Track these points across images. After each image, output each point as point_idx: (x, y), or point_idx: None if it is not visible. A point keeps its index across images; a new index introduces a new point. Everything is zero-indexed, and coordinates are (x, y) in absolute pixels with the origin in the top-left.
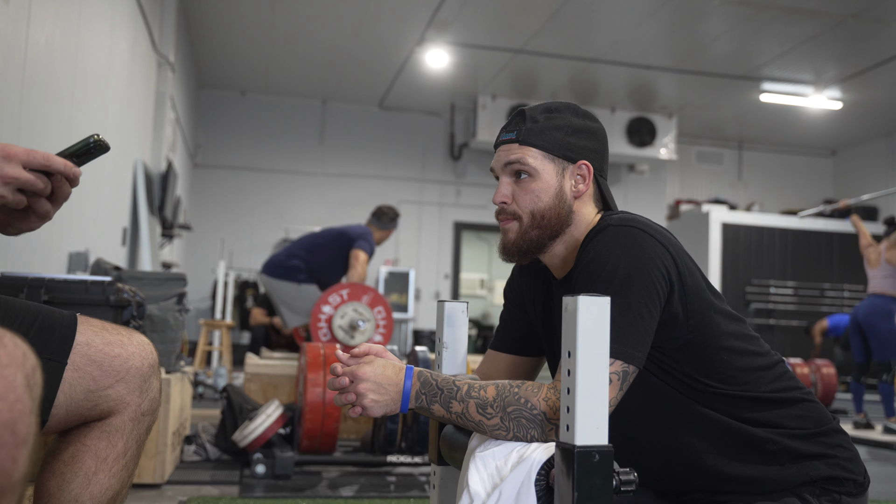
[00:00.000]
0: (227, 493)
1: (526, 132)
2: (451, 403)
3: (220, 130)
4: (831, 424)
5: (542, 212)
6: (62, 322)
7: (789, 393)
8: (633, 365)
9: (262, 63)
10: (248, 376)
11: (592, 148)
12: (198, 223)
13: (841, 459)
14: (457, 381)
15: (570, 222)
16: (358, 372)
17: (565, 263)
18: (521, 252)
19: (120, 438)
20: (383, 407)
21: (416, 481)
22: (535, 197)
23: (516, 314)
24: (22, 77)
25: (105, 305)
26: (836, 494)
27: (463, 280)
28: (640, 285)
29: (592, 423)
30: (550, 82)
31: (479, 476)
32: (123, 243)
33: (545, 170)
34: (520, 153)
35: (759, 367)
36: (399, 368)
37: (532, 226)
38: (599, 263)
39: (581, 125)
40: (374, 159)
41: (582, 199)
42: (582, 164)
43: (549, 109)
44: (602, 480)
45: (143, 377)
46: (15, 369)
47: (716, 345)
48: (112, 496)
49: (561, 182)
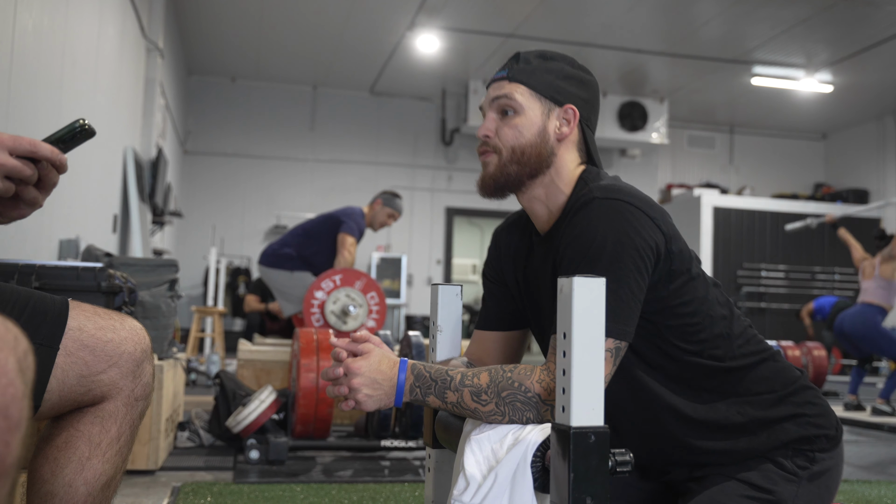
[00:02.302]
0: (221, 479)
1: (517, 71)
2: (446, 394)
3: (211, 117)
4: (799, 382)
5: (522, 147)
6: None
7: (757, 356)
8: (623, 341)
9: (252, 49)
10: (241, 362)
11: (582, 96)
12: (189, 210)
13: (811, 416)
14: (450, 370)
15: (550, 164)
16: (353, 366)
17: (548, 214)
18: (498, 186)
19: (113, 423)
20: (377, 402)
21: (410, 465)
22: (517, 132)
23: (497, 291)
24: (10, 63)
25: (96, 292)
26: (809, 453)
27: (455, 265)
28: (629, 260)
29: (588, 404)
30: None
31: (475, 459)
32: (114, 230)
33: (531, 107)
34: (508, 89)
35: (731, 334)
36: (394, 363)
37: (511, 160)
38: (587, 239)
39: (573, 73)
40: (365, 145)
41: (565, 144)
42: (568, 108)
43: (545, 55)
44: (598, 461)
45: (135, 362)
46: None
47: (693, 308)
48: (106, 481)
49: (545, 122)
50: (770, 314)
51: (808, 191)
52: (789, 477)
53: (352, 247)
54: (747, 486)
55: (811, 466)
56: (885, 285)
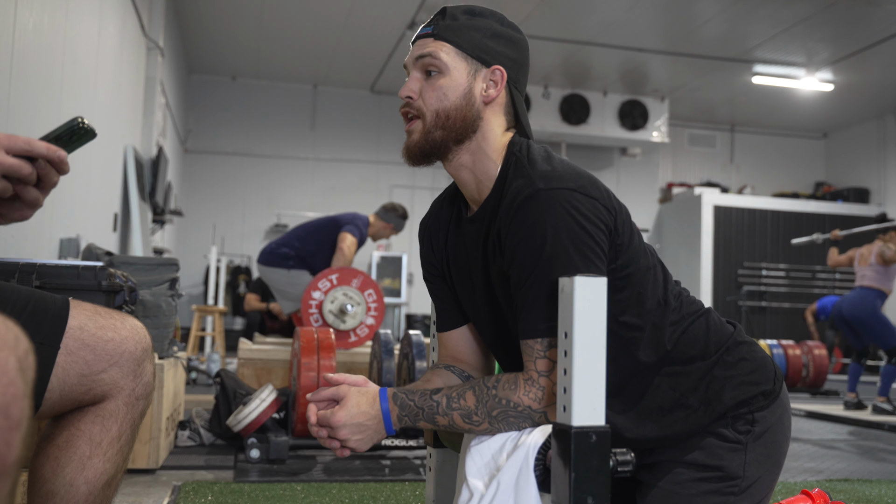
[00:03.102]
0: (221, 478)
1: (443, 27)
2: (436, 418)
3: (211, 115)
4: (732, 338)
5: (447, 111)
6: (54, 306)
7: (690, 318)
8: None
9: (253, 47)
10: (241, 361)
11: (510, 56)
12: (189, 209)
13: (744, 375)
14: (433, 395)
15: (476, 128)
16: (333, 421)
17: (477, 184)
18: (424, 153)
19: (114, 423)
20: (369, 441)
21: (410, 465)
22: (441, 94)
23: (441, 287)
24: (10, 62)
25: (97, 291)
26: (747, 415)
27: None
28: (587, 249)
29: (589, 404)
30: (542, 65)
31: (477, 468)
32: (114, 229)
33: (456, 67)
34: (433, 47)
35: (664, 300)
36: (373, 398)
37: (436, 126)
38: (539, 237)
39: (502, 31)
40: (365, 144)
41: (492, 107)
42: (496, 69)
43: (473, 11)
44: (599, 461)
45: (136, 361)
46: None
47: (633, 280)
48: (107, 480)
49: (471, 84)
50: (770, 313)
51: (808, 189)
52: (733, 446)
53: (351, 245)
54: (695, 467)
55: (753, 428)
56: (881, 270)
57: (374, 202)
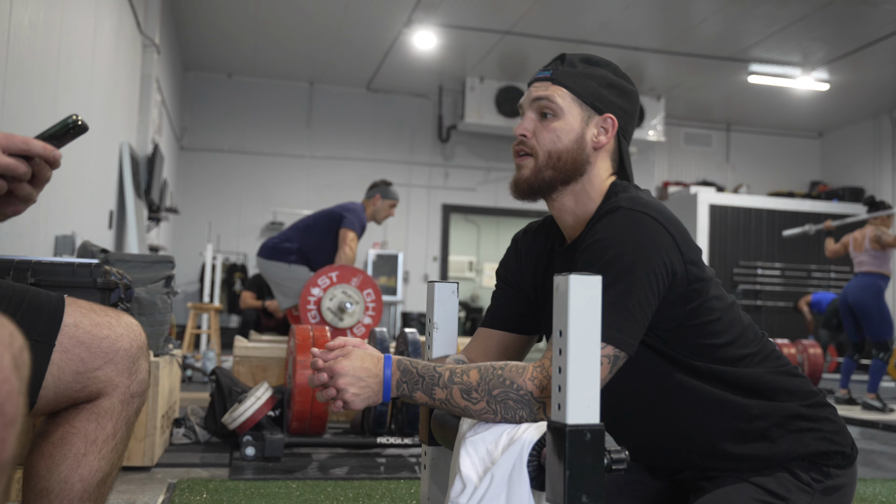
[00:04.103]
0: (216, 476)
1: (561, 73)
2: (434, 390)
3: (207, 113)
4: (817, 398)
5: (559, 152)
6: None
7: (776, 370)
8: (624, 352)
9: (249, 45)
10: (237, 359)
11: (622, 106)
12: (185, 206)
13: (828, 432)
14: (438, 367)
15: (584, 171)
16: (336, 367)
17: (575, 222)
18: (532, 190)
19: (109, 420)
20: (365, 400)
21: (405, 462)
22: (555, 136)
23: (509, 292)
24: (5, 59)
25: (92, 288)
26: (824, 468)
27: (451, 262)
28: (643, 273)
29: (584, 402)
30: (539, 64)
31: (471, 461)
32: (110, 226)
33: (571, 112)
34: (550, 91)
35: (748, 354)
36: (378, 358)
37: (547, 165)
38: (605, 245)
39: (616, 82)
40: (361, 142)
41: (600, 153)
42: (608, 118)
43: (590, 60)
44: (593, 459)
45: (131, 359)
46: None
47: (708, 331)
48: (102, 478)
49: (584, 129)
50: (766, 312)
51: (804, 189)
52: (804, 487)
53: (353, 242)
54: (762, 490)
55: (825, 480)
56: (878, 255)
57: None
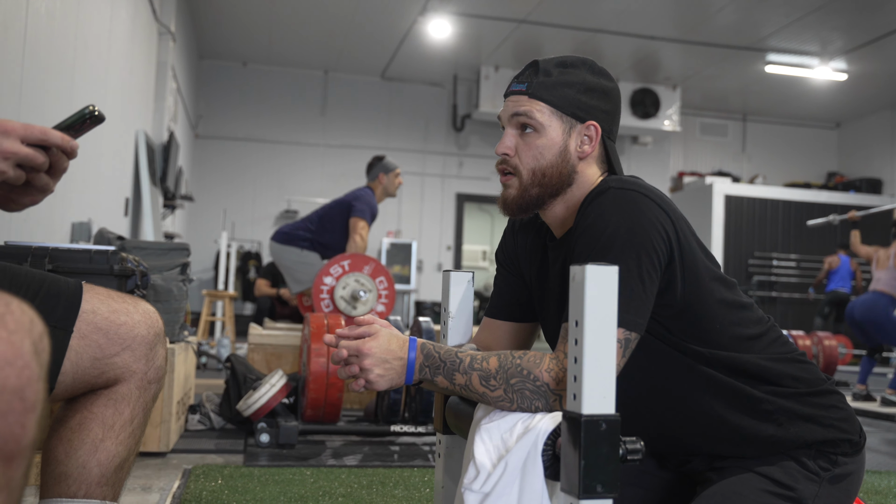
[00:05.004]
0: (231, 462)
1: (537, 85)
2: (455, 375)
3: (222, 101)
4: (825, 385)
5: (543, 169)
6: (68, 290)
7: (782, 356)
8: (634, 332)
9: (264, 33)
10: (251, 346)
11: (604, 109)
12: (199, 194)
13: (835, 420)
14: (459, 352)
15: (571, 182)
16: (363, 347)
17: (564, 223)
18: (521, 208)
19: (126, 406)
20: (388, 381)
21: (419, 451)
22: (538, 153)
23: (511, 279)
24: (23, 47)
25: (109, 275)
26: (832, 455)
27: (465, 252)
28: (641, 250)
29: (599, 392)
30: (553, 53)
31: (485, 448)
32: (126, 214)
33: (552, 126)
34: (528, 106)
35: (751, 336)
36: (403, 341)
37: (532, 183)
38: (599, 228)
39: (595, 83)
40: (376, 130)
41: (586, 160)
42: (591, 125)
43: (565, 64)
44: (609, 449)
45: (148, 345)
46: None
47: (707, 314)
48: (119, 463)
49: (566, 141)
50: (781, 303)
51: (820, 180)
52: (811, 476)
53: (363, 230)
54: (768, 480)
55: (833, 469)
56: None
57: None
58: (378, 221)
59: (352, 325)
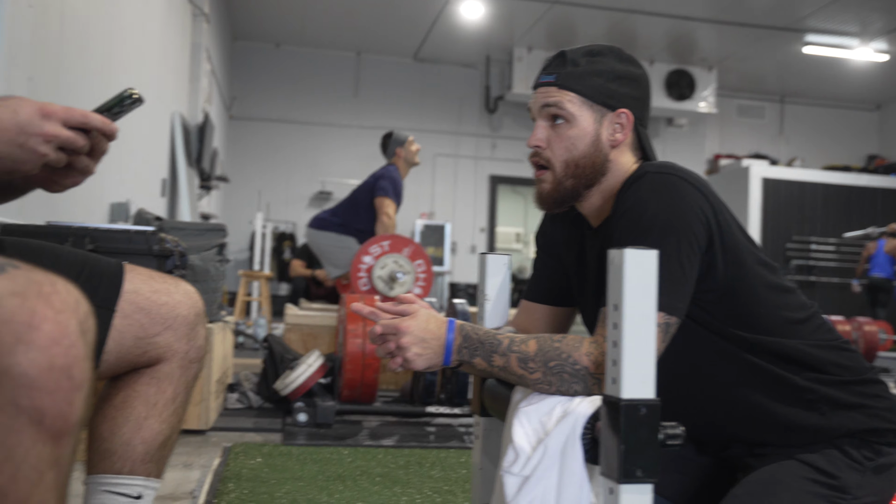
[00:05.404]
0: (270, 440)
1: (565, 76)
2: (493, 357)
3: (255, 82)
4: (869, 374)
5: (576, 160)
6: (109, 270)
7: (826, 343)
8: (674, 316)
9: (297, 14)
10: (288, 327)
11: (634, 95)
12: (234, 175)
13: (880, 409)
14: (497, 334)
15: (605, 171)
16: (401, 325)
17: (601, 212)
18: (557, 202)
19: (169, 385)
20: (427, 360)
21: (455, 432)
22: (570, 144)
23: (550, 263)
24: (60, 31)
25: (148, 255)
26: (875, 445)
27: (499, 234)
28: (681, 234)
29: (639, 377)
30: (587, 34)
31: (524, 431)
32: (163, 194)
33: (582, 116)
34: (558, 97)
35: (795, 321)
36: (441, 322)
37: (566, 175)
38: (637, 212)
39: (624, 71)
40: (408, 112)
41: (619, 149)
42: (621, 113)
43: (592, 52)
44: (649, 434)
45: (189, 325)
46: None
47: (752, 298)
48: (163, 441)
49: (598, 130)
50: (820, 288)
51: (860, 163)
52: (854, 465)
53: (389, 208)
54: (810, 468)
55: (877, 458)
56: None
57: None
58: (411, 203)
59: (392, 302)
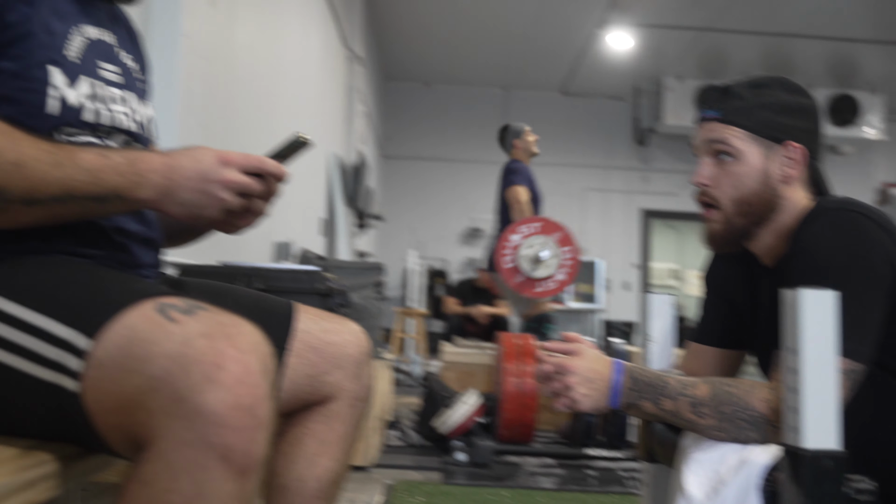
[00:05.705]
0: (430, 479)
1: (730, 110)
2: (662, 401)
3: (407, 121)
4: None
5: (745, 198)
6: (281, 310)
7: None
8: (859, 363)
9: (445, 54)
10: (445, 364)
11: (804, 128)
12: (387, 212)
13: None
14: (665, 377)
15: (777, 208)
16: (568, 364)
17: (774, 251)
18: (727, 242)
19: (339, 423)
20: (593, 402)
21: (615, 476)
22: (737, 181)
23: (720, 304)
24: (228, 77)
25: (312, 294)
26: None
27: (653, 270)
28: (862, 274)
29: (823, 426)
30: (740, 60)
31: (697, 479)
32: (322, 233)
33: (750, 152)
34: (723, 132)
35: None
36: (608, 362)
37: (736, 213)
38: (816, 252)
39: (792, 102)
40: (556, 146)
41: (792, 184)
42: (790, 146)
43: (757, 84)
44: (834, 488)
45: (357, 364)
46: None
47: None
48: (333, 478)
49: (766, 165)
50: None
51: None
52: None
53: (521, 194)
54: None
55: None
56: None
57: (567, 206)
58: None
59: (557, 342)
